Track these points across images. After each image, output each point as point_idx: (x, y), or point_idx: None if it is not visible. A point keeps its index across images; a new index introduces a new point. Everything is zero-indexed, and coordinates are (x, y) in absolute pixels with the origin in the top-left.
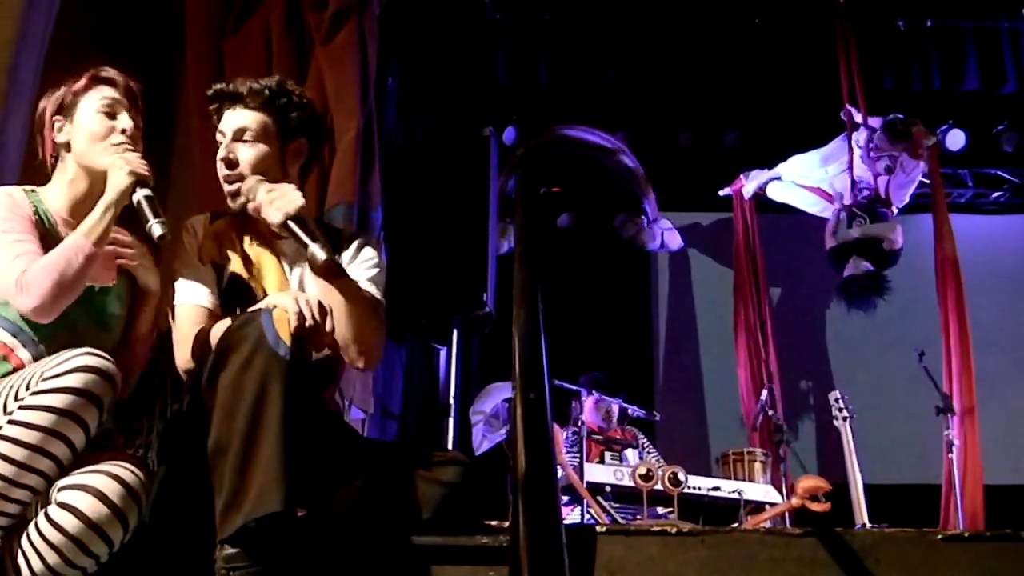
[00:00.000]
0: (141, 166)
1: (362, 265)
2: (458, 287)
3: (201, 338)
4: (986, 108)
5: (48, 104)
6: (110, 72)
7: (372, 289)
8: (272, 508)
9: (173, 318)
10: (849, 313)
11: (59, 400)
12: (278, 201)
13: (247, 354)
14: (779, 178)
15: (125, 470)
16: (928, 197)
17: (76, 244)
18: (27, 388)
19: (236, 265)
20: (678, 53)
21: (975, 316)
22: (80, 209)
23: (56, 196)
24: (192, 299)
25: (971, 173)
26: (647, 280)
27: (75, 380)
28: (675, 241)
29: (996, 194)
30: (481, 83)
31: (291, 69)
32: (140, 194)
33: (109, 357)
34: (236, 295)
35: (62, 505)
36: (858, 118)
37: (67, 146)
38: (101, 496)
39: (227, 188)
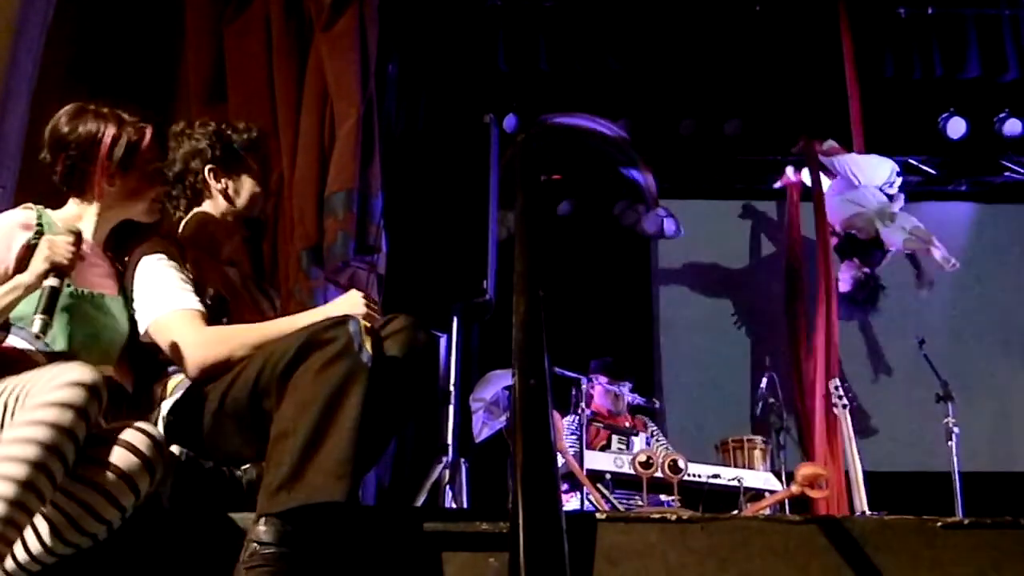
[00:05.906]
0: (65, 254)
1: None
2: (458, 274)
3: (234, 335)
4: (987, 95)
5: (106, 137)
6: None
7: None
8: (335, 496)
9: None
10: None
11: (50, 415)
12: None
13: (333, 354)
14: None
15: (148, 423)
16: (926, 186)
17: None
18: (18, 404)
19: (214, 283)
20: (679, 41)
21: (977, 304)
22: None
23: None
24: (194, 304)
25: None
26: (647, 267)
27: (63, 396)
28: (675, 228)
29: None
30: (481, 70)
31: (291, 56)
32: (50, 283)
33: (95, 369)
34: (219, 311)
35: (90, 460)
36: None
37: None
38: (131, 447)
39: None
